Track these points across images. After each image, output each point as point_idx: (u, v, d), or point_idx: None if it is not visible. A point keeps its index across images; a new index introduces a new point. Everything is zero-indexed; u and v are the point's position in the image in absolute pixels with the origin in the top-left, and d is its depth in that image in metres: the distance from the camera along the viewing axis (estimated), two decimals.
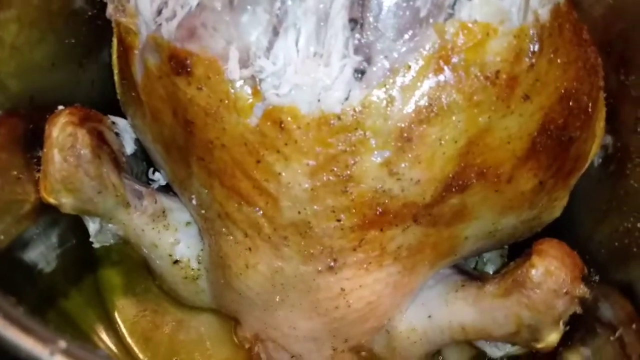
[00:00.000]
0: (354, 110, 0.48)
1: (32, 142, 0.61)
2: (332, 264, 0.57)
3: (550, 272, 0.54)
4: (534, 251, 0.56)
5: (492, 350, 0.65)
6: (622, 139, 0.63)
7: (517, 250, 0.61)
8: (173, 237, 0.68)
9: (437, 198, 0.53)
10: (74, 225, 0.69)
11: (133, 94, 0.60)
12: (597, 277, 0.61)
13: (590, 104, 0.56)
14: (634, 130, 0.60)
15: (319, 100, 0.49)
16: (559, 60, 0.51)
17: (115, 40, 0.63)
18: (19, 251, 0.61)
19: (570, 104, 0.53)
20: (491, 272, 0.77)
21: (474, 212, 0.56)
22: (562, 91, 0.52)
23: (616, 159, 0.63)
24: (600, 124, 0.61)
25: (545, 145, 0.53)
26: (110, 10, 0.59)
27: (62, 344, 0.29)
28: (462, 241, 0.59)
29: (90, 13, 0.68)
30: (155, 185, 0.70)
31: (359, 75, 0.48)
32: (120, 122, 0.68)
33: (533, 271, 0.55)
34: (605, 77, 0.60)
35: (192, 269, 0.68)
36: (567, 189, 0.61)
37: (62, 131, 0.58)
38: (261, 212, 0.55)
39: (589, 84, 0.55)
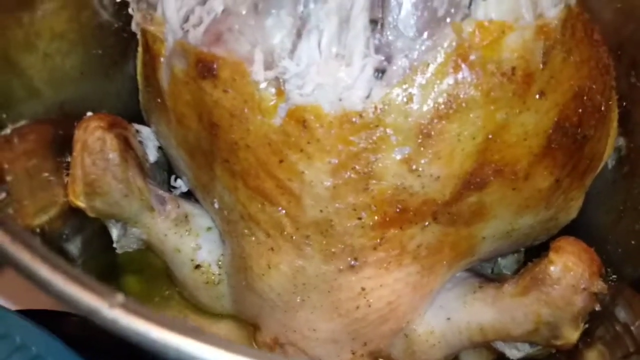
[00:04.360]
0: (375, 108, 0.50)
1: (62, 148, 0.63)
2: (353, 262, 0.58)
3: (569, 267, 0.55)
4: (552, 248, 0.57)
5: (511, 351, 0.65)
6: (635, 140, 0.64)
7: (533, 256, 0.62)
8: (195, 242, 0.69)
9: (456, 195, 0.54)
10: (98, 234, 0.70)
11: (158, 100, 0.62)
12: (614, 276, 0.62)
13: (603, 103, 0.57)
14: None
15: (340, 99, 0.50)
16: (572, 59, 0.53)
17: (140, 50, 0.65)
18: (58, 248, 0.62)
19: (584, 101, 0.55)
20: None
21: (492, 211, 0.57)
22: (576, 89, 0.54)
23: (630, 159, 0.64)
24: (613, 124, 0.62)
25: (561, 143, 0.55)
26: (137, 19, 0.61)
27: (120, 298, 0.30)
28: (480, 241, 0.60)
29: (116, 25, 0.70)
30: (177, 192, 0.72)
31: (380, 74, 0.50)
32: (144, 130, 0.70)
33: (551, 267, 0.56)
34: (617, 80, 0.62)
35: (213, 274, 0.70)
36: (583, 189, 0.62)
37: (91, 135, 0.60)
38: (284, 211, 0.56)
39: (602, 82, 0.57)
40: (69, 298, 0.31)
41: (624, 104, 0.64)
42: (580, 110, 0.55)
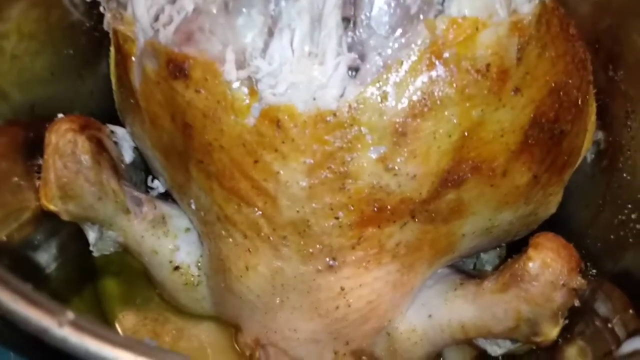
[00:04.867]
0: (349, 107, 0.49)
1: (33, 151, 0.62)
2: (331, 262, 0.57)
3: (547, 264, 0.55)
4: (530, 245, 0.57)
5: (492, 348, 0.65)
6: (613, 134, 0.64)
7: (515, 251, 0.62)
8: (172, 244, 0.68)
9: (433, 193, 0.54)
10: (74, 236, 0.69)
11: (131, 100, 0.61)
12: (594, 271, 0.62)
13: (580, 98, 0.57)
14: (625, 124, 0.62)
15: (314, 99, 0.50)
16: (547, 54, 0.52)
17: (112, 50, 0.64)
18: (23, 257, 0.61)
19: (561, 97, 0.54)
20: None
21: (470, 208, 0.57)
22: (552, 84, 0.53)
23: (608, 153, 0.64)
24: (591, 119, 0.62)
25: (538, 139, 0.54)
26: (108, 18, 0.60)
27: (70, 315, 0.29)
28: (459, 238, 0.60)
29: (87, 25, 0.69)
30: (154, 193, 0.71)
31: (353, 73, 0.50)
32: (119, 130, 0.69)
33: (530, 264, 0.56)
34: (595, 73, 0.62)
35: (192, 275, 0.69)
36: (562, 184, 0.62)
37: (63, 138, 0.59)
38: (260, 212, 0.56)
39: (578, 77, 0.57)
40: (18, 316, 0.30)
41: (602, 97, 0.64)
42: (556, 106, 0.54)
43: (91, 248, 0.69)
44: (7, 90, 0.58)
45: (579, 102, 0.57)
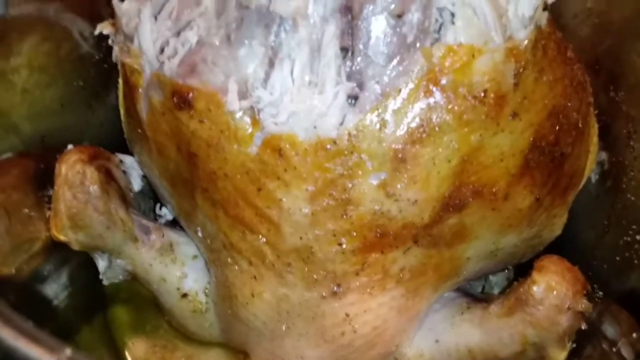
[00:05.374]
0: (349, 135, 0.50)
1: (44, 182, 0.63)
2: (335, 289, 0.58)
3: (552, 287, 0.55)
4: (535, 268, 0.57)
5: None
6: (616, 155, 0.64)
7: (523, 273, 0.61)
8: (180, 271, 0.69)
9: (435, 218, 0.54)
10: (84, 265, 0.70)
11: (139, 130, 0.63)
12: (600, 293, 0.61)
13: (580, 120, 0.57)
14: (627, 145, 0.62)
15: (315, 127, 0.50)
16: (544, 78, 0.53)
17: (121, 81, 0.66)
18: (31, 289, 0.62)
19: (560, 120, 0.55)
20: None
21: (473, 232, 0.57)
22: (551, 108, 0.54)
23: (612, 174, 0.64)
24: (593, 140, 0.62)
25: (539, 162, 0.55)
26: (116, 51, 0.62)
27: (68, 351, 0.30)
28: (464, 262, 0.60)
29: (97, 57, 0.71)
30: (162, 221, 0.72)
31: (353, 101, 0.50)
32: (128, 159, 0.70)
33: (534, 288, 0.56)
34: (596, 94, 0.62)
35: (200, 302, 0.69)
36: (566, 206, 0.62)
37: (72, 169, 0.61)
38: (264, 239, 0.56)
39: (578, 100, 0.57)
40: (18, 353, 0.31)
41: (604, 118, 0.64)
42: (556, 129, 0.55)
43: (101, 276, 0.70)
44: (18, 123, 0.60)
45: (579, 124, 0.57)
